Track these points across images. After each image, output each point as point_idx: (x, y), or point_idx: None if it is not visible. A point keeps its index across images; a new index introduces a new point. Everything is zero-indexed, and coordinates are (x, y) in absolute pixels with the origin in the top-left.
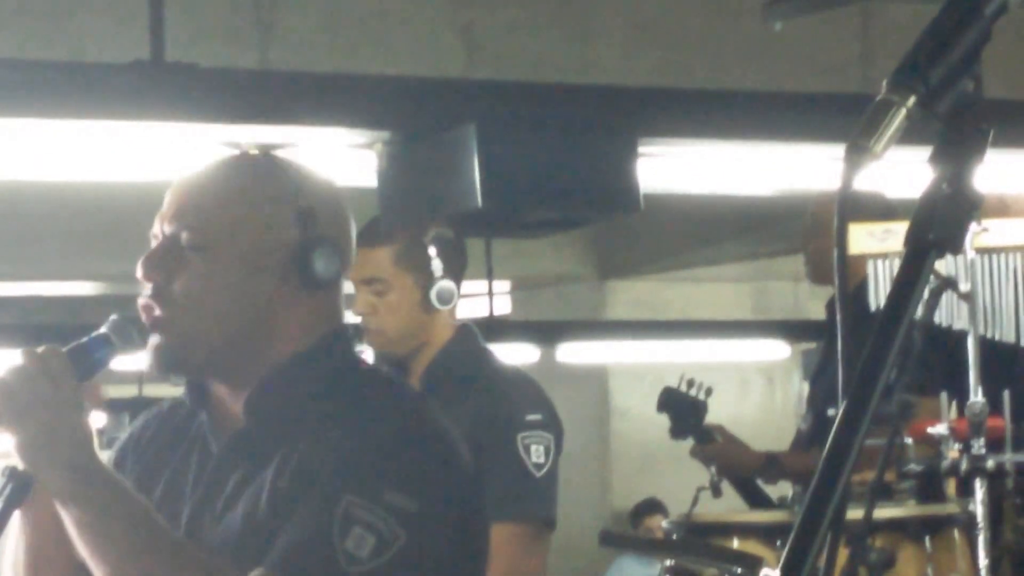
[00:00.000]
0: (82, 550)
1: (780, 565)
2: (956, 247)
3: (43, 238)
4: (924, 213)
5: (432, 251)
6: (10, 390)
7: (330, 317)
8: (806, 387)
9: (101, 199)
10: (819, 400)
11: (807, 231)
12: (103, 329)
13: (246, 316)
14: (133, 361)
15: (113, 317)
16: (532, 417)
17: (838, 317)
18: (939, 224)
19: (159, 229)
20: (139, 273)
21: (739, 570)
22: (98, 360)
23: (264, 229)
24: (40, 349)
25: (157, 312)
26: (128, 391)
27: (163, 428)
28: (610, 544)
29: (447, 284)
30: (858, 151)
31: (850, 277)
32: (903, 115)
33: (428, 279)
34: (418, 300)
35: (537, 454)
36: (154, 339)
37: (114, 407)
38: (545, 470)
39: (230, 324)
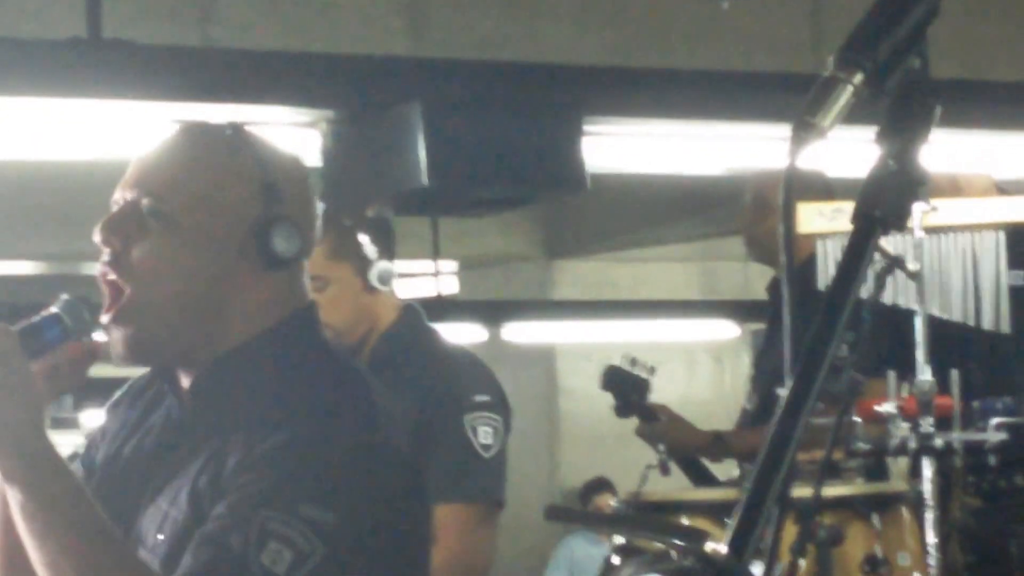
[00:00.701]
0: (22, 534)
1: (727, 540)
2: (902, 224)
3: None
4: (870, 190)
5: (362, 235)
6: None
7: (290, 298)
8: None
9: (42, 178)
10: (763, 380)
11: (749, 213)
12: (54, 309)
13: (203, 290)
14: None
15: (64, 297)
16: (480, 398)
17: (784, 294)
18: (885, 201)
19: (120, 196)
20: (96, 237)
21: (683, 544)
22: (49, 340)
23: (226, 202)
24: None
25: (119, 292)
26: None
27: (134, 405)
28: (556, 518)
29: (385, 264)
30: (805, 127)
31: (796, 256)
32: (850, 92)
33: (365, 263)
34: (360, 287)
35: (485, 435)
36: (118, 332)
37: None
38: (494, 451)
39: (187, 298)
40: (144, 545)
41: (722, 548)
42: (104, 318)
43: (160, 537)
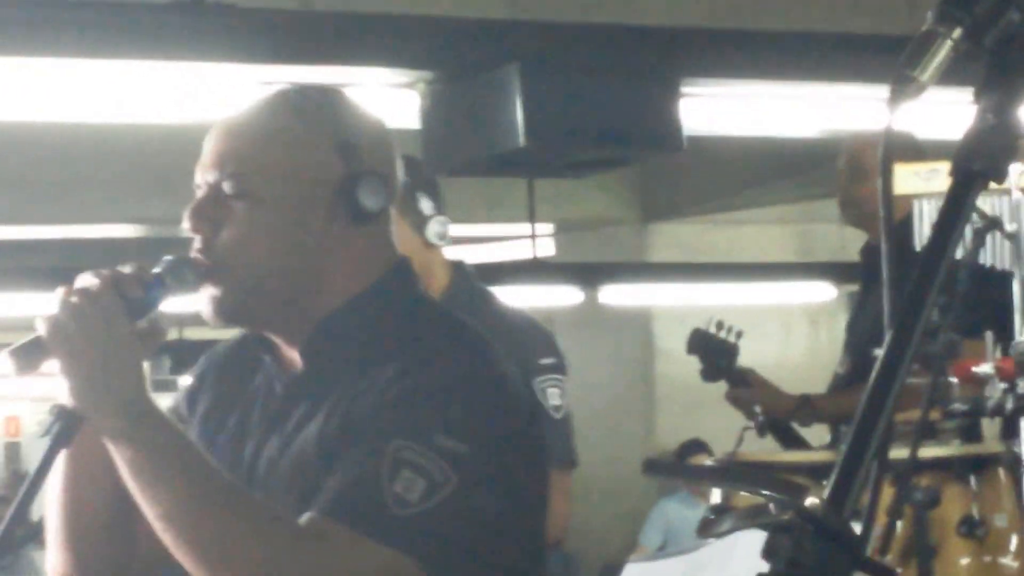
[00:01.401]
0: (134, 491)
1: (825, 497)
2: (1001, 177)
3: (84, 181)
4: (969, 144)
5: (416, 192)
6: (62, 327)
7: (385, 252)
8: None
9: (142, 141)
10: (856, 343)
11: (844, 176)
12: (156, 269)
13: (298, 259)
14: (174, 304)
15: (167, 258)
16: (546, 361)
17: (883, 250)
18: (984, 154)
19: (201, 179)
20: (186, 225)
21: (782, 498)
22: (151, 300)
23: (305, 168)
24: (93, 288)
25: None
26: (169, 334)
27: (228, 367)
28: (654, 472)
29: (441, 220)
30: (904, 81)
31: (892, 216)
32: (948, 46)
33: (422, 219)
34: (419, 243)
35: (554, 396)
36: (210, 290)
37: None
38: (563, 412)
39: (282, 269)
40: (276, 500)
41: (821, 503)
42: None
43: (292, 492)
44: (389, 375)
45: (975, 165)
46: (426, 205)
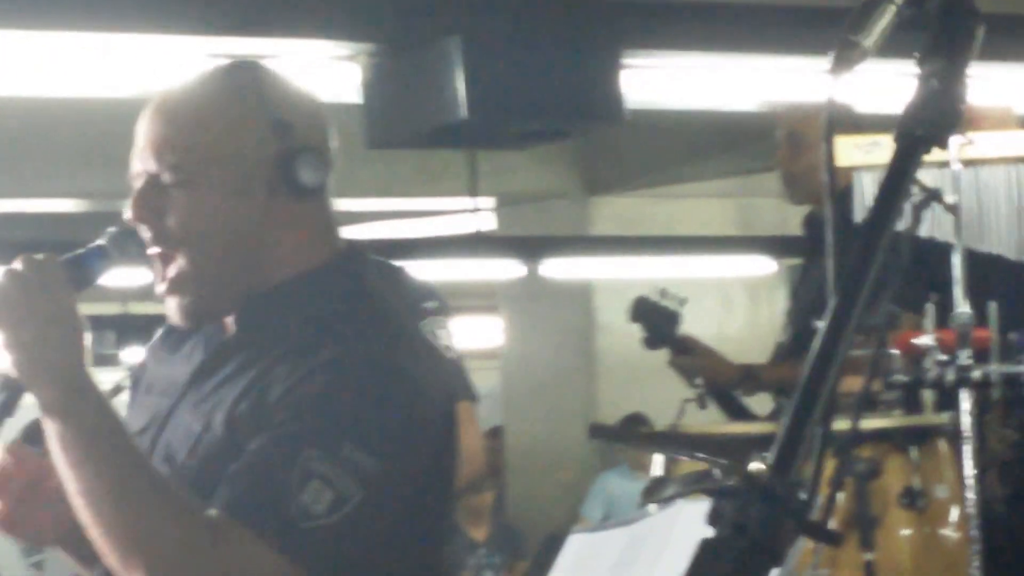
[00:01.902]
0: (59, 465)
1: (769, 463)
2: (943, 142)
3: (24, 154)
4: (913, 110)
5: None
6: (5, 297)
7: (330, 232)
8: None
9: (83, 114)
10: (799, 313)
11: (784, 150)
12: (101, 241)
13: (245, 237)
14: (118, 278)
15: (111, 229)
16: (429, 304)
17: (827, 218)
18: (927, 120)
19: (139, 166)
20: (129, 216)
21: (726, 462)
22: (94, 271)
23: (241, 148)
24: (37, 257)
25: (170, 262)
26: (113, 308)
27: (167, 337)
28: (599, 437)
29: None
30: (847, 46)
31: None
32: (892, 11)
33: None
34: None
35: (443, 337)
36: (175, 301)
37: (99, 325)
38: (454, 351)
39: (232, 249)
40: (172, 464)
41: (766, 468)
42: (159, 288)
43: (191, 461)
44: (313, 366)
45: (919, 131)
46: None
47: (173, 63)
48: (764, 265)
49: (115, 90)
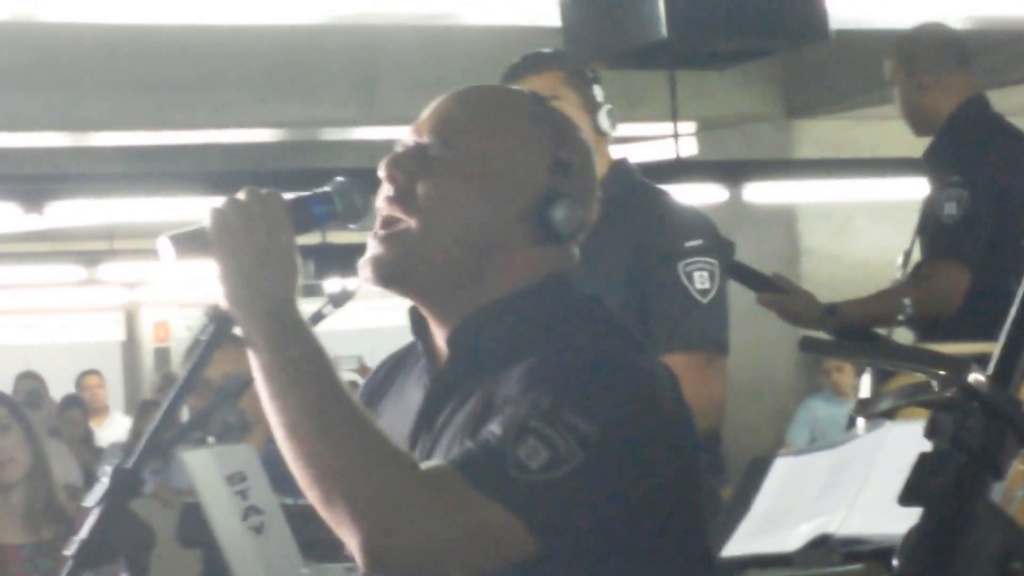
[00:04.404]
0: (264, 397)
1: (990, 370)
2: None
3: (221, 84)
4: None
5: (593, 80)
6: (227, 221)
7: (552, 266)
8: None
9: (278, 43)
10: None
11: (902, 81)
12: (327, 188)
13: (476, 242)
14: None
15: (339, 179)
16: (692, 243)
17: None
18: None
19: (411, 137)
20: (381, 172)
21: (945, 374)
22: (316, 217)
23: (517, 165)
24: (263, 192)
25: (396, 215)
26: (313, 238)
27: (397, 368)
28: (810, 350)
29: (610, 108)
30: None
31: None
32: None
33: (594, 103)
34: (588, 124)
35: (701, 280)
36: (374, 249)
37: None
38: (711, 295)
39: (458, 244)
40: None
41: (986, 380)
42: (376, 234)
43: None
44: (529, 364)
45: None
46: (598, 92)
47: None
48: None
49: (311, 17)
